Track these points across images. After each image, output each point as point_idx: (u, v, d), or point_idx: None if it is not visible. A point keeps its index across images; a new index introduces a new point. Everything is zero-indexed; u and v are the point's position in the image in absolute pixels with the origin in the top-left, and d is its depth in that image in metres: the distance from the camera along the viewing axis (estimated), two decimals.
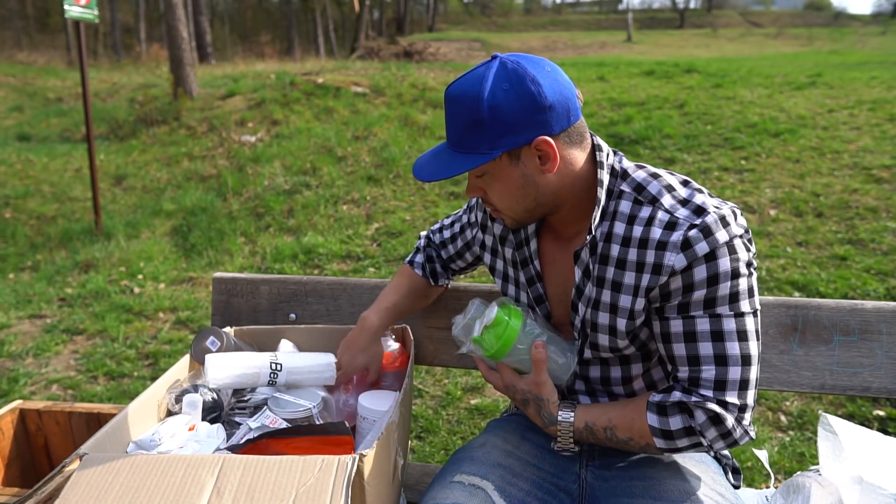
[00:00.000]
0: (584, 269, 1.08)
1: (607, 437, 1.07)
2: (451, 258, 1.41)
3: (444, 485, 1.07)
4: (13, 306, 4.02)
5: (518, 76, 0.97)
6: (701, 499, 1.03)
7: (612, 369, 1.14)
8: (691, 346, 0.99)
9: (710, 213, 0.97)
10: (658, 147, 5.88)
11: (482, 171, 1.04)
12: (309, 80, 8.59)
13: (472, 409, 2.71)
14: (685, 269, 0.96)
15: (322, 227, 5.00)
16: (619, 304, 1.05)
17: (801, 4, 59.13)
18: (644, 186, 1.04)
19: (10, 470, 1.66)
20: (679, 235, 0.97)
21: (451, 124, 1.02)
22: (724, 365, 0.98)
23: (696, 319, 0.99)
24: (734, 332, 0.98)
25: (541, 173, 1.02)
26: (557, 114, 0.98)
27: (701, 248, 0.96)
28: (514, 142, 0.98)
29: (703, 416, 0.99)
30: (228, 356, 1.26)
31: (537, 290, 1.17)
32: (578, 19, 45.04)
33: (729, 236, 0.96)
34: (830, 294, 3.40)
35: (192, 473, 0.92)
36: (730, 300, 0.98)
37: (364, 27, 23.67)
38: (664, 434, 1.02)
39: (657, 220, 1.00)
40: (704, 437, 0.99)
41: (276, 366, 1.28)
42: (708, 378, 0.98)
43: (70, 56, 23.10)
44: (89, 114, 5.27)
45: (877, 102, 6.46)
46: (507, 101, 0.96)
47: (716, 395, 0.98)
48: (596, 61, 11.93)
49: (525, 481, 1.10)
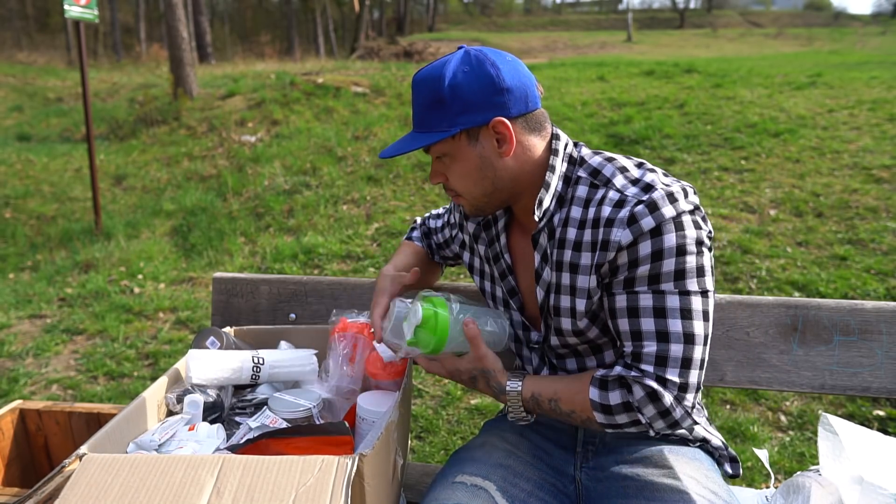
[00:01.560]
0: (542, 254, 1.10)
1: (552, 408, 1.07)
2: (441, 245, 1.43)
3: (447, 485, 1.07)
4: (13, 306, 4.02)
5: (478, 60, 1.03)
6: (693, 498, 1.02)
7: (586, 360, 1.15)
8: (634, 322, 1.00)
9: (657, 189, 0.98)
10: (658, 147, 5.88)
11: (442, 150, 1.07)
12: (309, 80, 8.59)
13: (472, 409, 2.71)
14: (630, 244, 0.98)
15: (322, 227, 5.00)
16: (577, 284, 1.06)
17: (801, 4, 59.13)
18: (599, 170, 1.07)
19: (10, 470, 1.66)
20: (626, 212, 0.98)
21: (415, 106, 1.07)
22: (666, 342, 0.98)
23: (639, 295, 0.99)
24: (678, 310, 0.98)
25: (498, 156, 1.05)
26: (515, 97, 1.03)
27: (646, 224, 0.97)
28: (472, 120, 1.02)
29: (640, 392, 0.99)
30: (211, 353, 1.27)
31: (510, 283, 1.20)
32: (578, 19, 45.04)
33: (676, 212, 0.97)
34: (830, 294, 3.40)
35: (192, 473, 0.92)
36: (675, 277, 0.98)
37: (364, 27, 23.67)
38: (604, 409, 1.02)
39: (608, 199, 1.02)
40: (643, 413, 0.99)
41: (259, 359, 1.30)
42: (649, 353, 0.98)
43: (70, 56, 23.10)
44: (89, 114, 5.27)
45: (877, 102, 6.46)
46: (466, 82, 1.01)
47: (655, 371, 0.98)
48: (596, 61, 11.93)
49: (527, 481, 1.10)
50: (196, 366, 1.23)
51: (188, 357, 1.25)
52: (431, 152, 1.09)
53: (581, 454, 1.17)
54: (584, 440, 1.18)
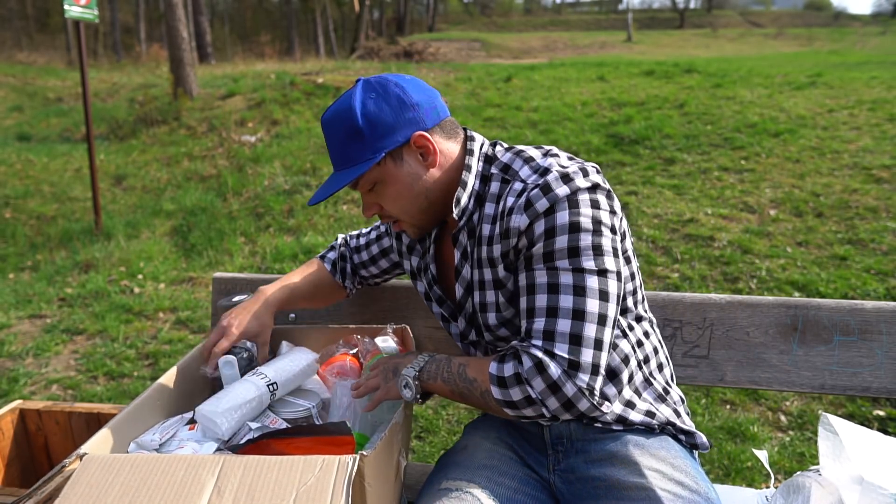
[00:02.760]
0: (462, 252, 1.13)
1: (458, 372, 1.07)
2: (363, 263, 1.44)
3: (433, 493, 1.08)
4: (13, 306, 4.02)
5: (381, 85, 1.06)
6: (658, 494, 1.02)
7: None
8: (530, 299, 1.01)
9: (552, 172, 1.01)
10: (658, 147, 5.88)
11: (371, 180, 1.09)
12: (309, 80, 8.59)
13: (472, 410, 2.71)
14: (527, 227, 1.01)
15: (322, 227, 5.00)
16: (493, 277, 1.10)
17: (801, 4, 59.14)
18: (509, 165, 1.09)
19: (10, 470, 1.66)
20: (523, 199, 1.01)
21: (331, 147, 1.08)
22: (554, 316, 0.98)
23: (535, 272, 1.01)
24: (570, 286, 0.98)
25: (425, 169, 1.09)
26: (425, 110, 1.07)
27: (541, 205, 0.99)
28: (394, 141, 1.05)
29: (529, 362, 0.97)
30: (222, 401, 1.18)
31: (436, 293, 1.24)
32: (578, 19, 45.05)
33: (570, 190, 0.99)
34: (830, 294, 3.40)
35: (193, 473, 0.92)
36: (569, 254, 0.98)
37: (364, 27, 23.67)
38: (499, 381, 1.00)
39: (512, 190, 1.05)
40: (532, 387, 0.97)
41: (273, 386, 1.24)
42: (538, 328, 0.99)
43: (70, 56, 23.10)
44: (89, 114, 5.27)
45: (877, 102, 6.46)
46: (377, 107, 1.05)
47: (544, 345, 0.97)
48: (596, 61, 11.93)
49: (511, 479, 1.11)
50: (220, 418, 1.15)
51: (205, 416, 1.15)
52: (360, 186, 1.10)
53: (552, 456, 1.17)
54: (553, 441, 1.16)
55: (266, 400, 1.22)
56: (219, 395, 1.19)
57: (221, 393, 1.20)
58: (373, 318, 1.57)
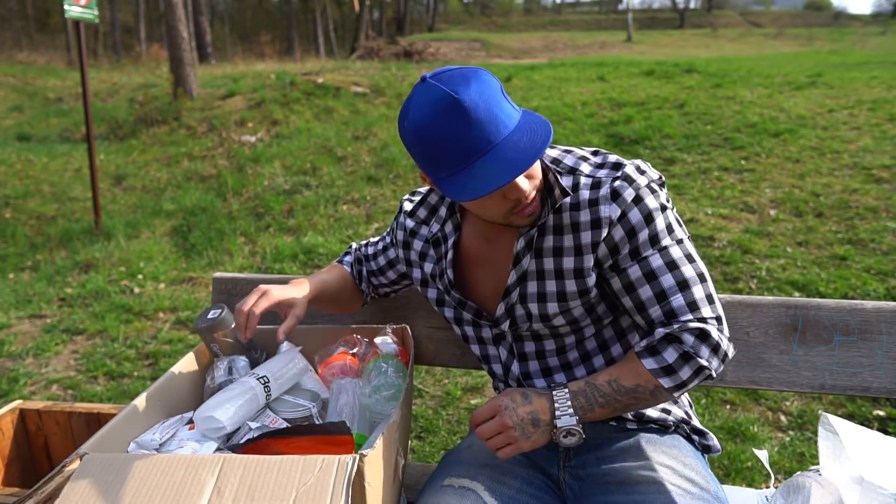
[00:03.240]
0: (528, 241, 1.11)
1: (612, 389, 1.05)
2: (374, 273, 1.42)
3: (436, 489, 1.08)
4: (13, 306, 4.02)
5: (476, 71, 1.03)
6: (668, 489, 1.04)
7: (565, 339, 1.17)
8: (654, 284, 1.05)
9: (626, 164, 1.06)
10: (658, 147, 5.88)
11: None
12: (309, 80, 8.59)
13: (472, 409, 2.71)
14: (621, 216, 1.04)
15: (322, 227, 5.00)
16: (563, 266, 1.09)
17: (801, 4, 59.14)
18: (560, 160, 1.12)
19: (10, 470, 1.66)
20: (606, 189, 1.05)
21: (494, 106, 0.96)
22: (688, 287, 1.04)
23: (648, 259, 1.05)
24: (683, 258, 1.05)
25: None
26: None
27: (629, 195, 1.04)
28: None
29: (690, 337, 1.02)
30: (214, 400, 1.18)
31: (455, 296, 1.22)
32: (578, 19, 45.04)
33: (648, 180, 1.06)
34: (830, 294, 3.40)
35: (193, 473, 0.92)
36: (668, 231, 1.06)
37: (364, 27, 23.67)
38: (666, 371, 1.02)
39: (582, 184, 1.08)
40: (700, 356, 1.01)
41: (264, 379, 1.24)
42: (680, 304, 1.03)
43: (70, 56, 23.10)
44: (89, 114, 5.27)
45: (877, 102, 6.46)
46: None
47: (694, 315, 1.03)
48: (596, 61, 11.93)
49: (515, 479, 1.11)
50: (223, 414, 1.15)
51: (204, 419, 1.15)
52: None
53: (563, 453, 1.17)
54: None
55: (260, 393, 1.22)
56: (210, 399, 1.20)
57: (212, 397, 1.20)
58: (372, 318, 1.57)
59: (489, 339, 1.24)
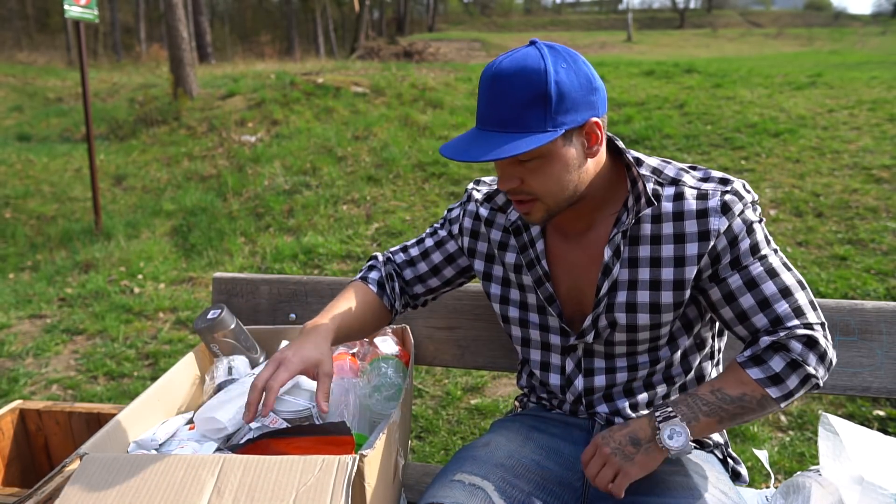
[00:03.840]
0: (614, 249, 1.09)
1: (717, 398, 1.03)
2: (420, 278, 1.29)
3: (445, 483, 1.07)
4: (13, 306, 4.02)
5: (572, 57, 0.99)
6: (704, 497, 1.03)
7: (638, 358, 1.15)
8: (757, 292, 1.04)
9: (734, 181, 1.07)
10: (658, 147, 5.88)
11: (534, 154, 0.99)
12: (309, 80, 8.59)
13: (472, 409, 2.71)
14: (727, 228, 1.03)
15: (322, 227, 5.00)
16: (661, 278, 1.08)
17: (801, 4, 59.12)
18: (661, 170, 1.10)
19: (10, 470, 1.66)
20: (716, 202, 1.04)
21: (502, 105, 0.97)
22: (791, 294, 1.03)
23: (749, 268, 1.04)
24: (781, 266, 1.05)
25: (584, 157, 1.03)
26: (601, 97, 1.02)
27: (737, 208, 1.04)
28: (574, 120, 0.98)
29: (798, 345, 1.01)
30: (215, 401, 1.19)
31: (547, 290, 1.16)
32: (578, 19, 45.04)
33: (752, 197, 1.07)
34: (830, 294, 3.40)
35: (193, 473, 0.92)
36: (766, 242, 1.06)
37: (364, 27, 23.67)
38: (773, 380, 1.01)
39: (687, 194, 1.06)
40: (808, 364, 1.00)
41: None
42: (785, 311, 1.03)
43: (70, 56, 23.09)
44: (89, 114, 5.26)
45: (877, 102, 6.46)
46: (569, 79, 0.96)
47: (801, 321, 1.02)
48: (596, 61, 11.93)
49: (527, 482, 1.10)
50: (224, 415, 1.14)
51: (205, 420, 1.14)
52: (520, 155, 0.98)
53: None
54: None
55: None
56: (211, 400, 1.20)
57: (213, 398, 1.20)
58: None
59: (556, 348, 1.20)
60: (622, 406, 1.17)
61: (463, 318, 1.52)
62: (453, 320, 1.52)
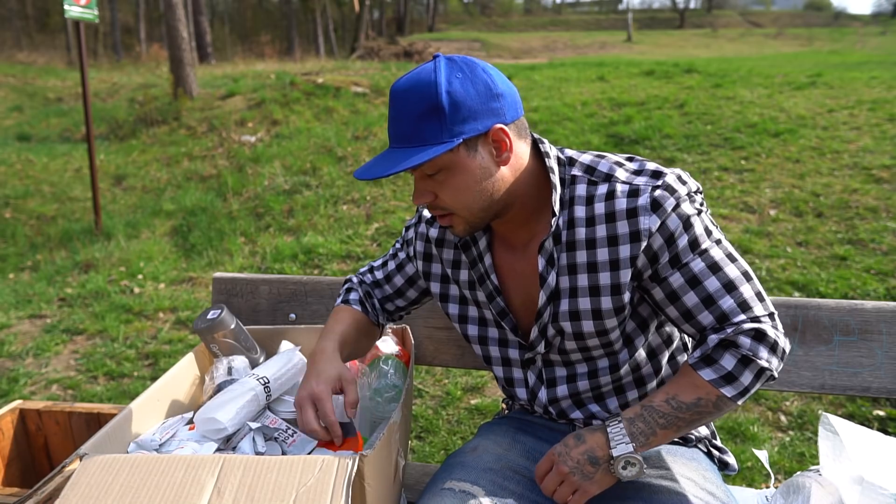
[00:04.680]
0: (547, 258, 1.07)
1: (673, 407, 1.01)
2: (388, 297, 1.33)
3: (436, 492, 1.07)
4: (13, 306, 4.02)
5: (469, 66, 0.99)
6: (690, 500, 1.03)
7: (598, 362, 1.13)
8: (700, 289, 1.01)
9: (667, 173, 1.03)
10: (658, 147, 5.88)
11: (438, 166, 0.99)
12: (309, 80, 8.59)
13: (472, 409, 2.71)
14: (660, 226, 1.00)
15: (322, 227, 5.00)
16: (599, 283, 1.05)
17: (801, 4, 59.14)
18: (594, 167, 1.07)
19: (10, 470, 1.66)
20: (646, 199, 1.00)
21: (400, 119, 0.99)
22: (735, 288, 1.00)
23: (690, 265, 1.01)
24: (724, 258, 1.02)
25: (496, 165, 1.02)
26: (508, 103, 1.00)
27: (669, 204, 1.00)
28: (474, 128, 0.97)
29: (747, 340, 0.98)
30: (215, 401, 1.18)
31: (499, 305, 1.16)
32: (578, 19, 45.04)
33: (688, 190, 1.02)
34: (830, 294, 3.40)
35: (193, 473, 0.92)
36: (707, 234, 1.02)
37: (364, 27, 23.67)
38: (726, 379, 0.99)
39: (618, 192, 1.02)
40: (760, 358, 0.98)
41: (263, 379, 1.23)
42: (730, 306, 1.00)
43: (70, 56, 23.09)
44: (89, 114, 5.27)
45: (877, 102, 6.46)
46: (463, 88, 0.96)
47: (747, 315, 1.00)
48: (596, 61, 11.93)
49: (517, 484, 1.10)
50: (224, 415, 1.14)
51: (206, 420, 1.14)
52: (423, 168, 1.00)
53: None
54: None
55: (260, 393, 1.21)
56: (211, 400, 1.20)
57: (213, 399, 1.20)
58: None
59: (516, 362, 1.20)
60: (596, 411, 1.16)
61: None
62: None
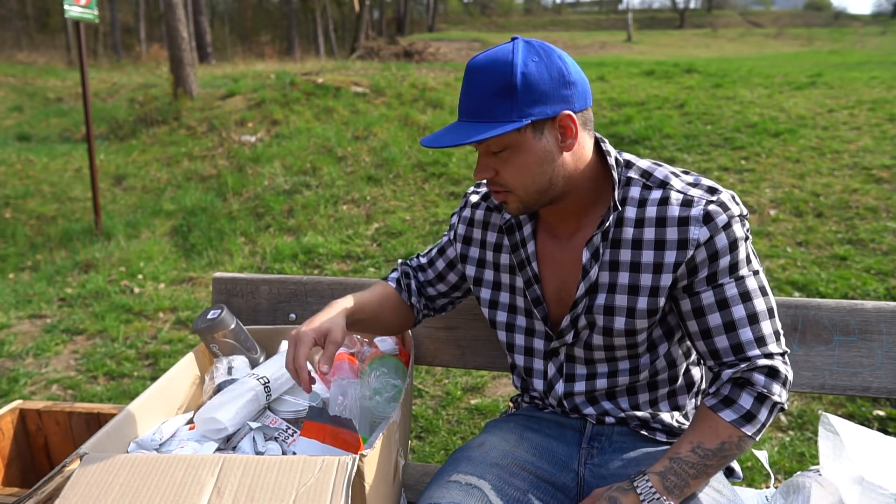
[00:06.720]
0: (593, 252, 1.09)
1: (700, 455, 1.02)
2: (430, 281, 1.35)
3: (442, 484, 1.07)
4: (13, 306, 4.02)
5: (546, 51, 1.01)
6: (699, 497, 1.03)
7: (619, 364, 1.15)
8: (726, 313, 1.04)
9: (722, 191, 1.05)
10: (658, 147, 5.88)
11: (504, 143, 1.02)
12: (309, 80, 8.59)
13: (472, 409, 2.71)
14: (708, 240, 1.02)
15: (322, 227, 5.00)
16: (639, 283, 1.07)
17: (801, 4, 59.14)
18: (651, 173, 1.09)
19: (10, 470, 1.66)
20: (699, 210, 1.03)
21: (472, 94, 1.01)
22: (757, 322, 1.03)
23: (724, 286, 1.04)
24: (756, 290, 1.04)
25: (559, 151, 1.04)
26: (579, 92, 1.03)
27: (721, 220, 1.02)
28: (543, 112, 0.99)
29: (761, 377, 1.02)
30: (216, 401, 1.19)
31: (535, 292, 1.17)
32: (578, 19, 45.05)
33: (739, 211, 1.05)
34: (830, 294, 3.40)
35: (193, 473, 0.92)
36: (747, 262, 1.05)
37: (364, 27, 23.67)
38: (746, 418, 1.02)
39: (672, 199, 1.05)
40: (773, 394, 1.02)
41: (263, 378, 1.24)
42: (748, 339, 1.03)
43: (70, 56, 23.08)
44: (89, 114, 5.26)
45: (877, 102, 6.46)
46: (538, 71, 0.99)
47: (761, 351, 1.03)
48: (596, 61, 11.93)
49: (522, 481, 1.10)
50: (224, 415, 1.15)
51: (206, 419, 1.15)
52: (491, 145, 1.03)
53: (586, 451, 1.17)
54: (591, 436, 1.18)
55: (260, 393, 1.22)
56: (211, 400, 1.20)
57: (214, 399, 1.20)
58: None
59: (539, 352, 1.21)
60: (609, 408, 1.18)
61: (462, 318, 1.52)
62: (453, 320, 1.52)
